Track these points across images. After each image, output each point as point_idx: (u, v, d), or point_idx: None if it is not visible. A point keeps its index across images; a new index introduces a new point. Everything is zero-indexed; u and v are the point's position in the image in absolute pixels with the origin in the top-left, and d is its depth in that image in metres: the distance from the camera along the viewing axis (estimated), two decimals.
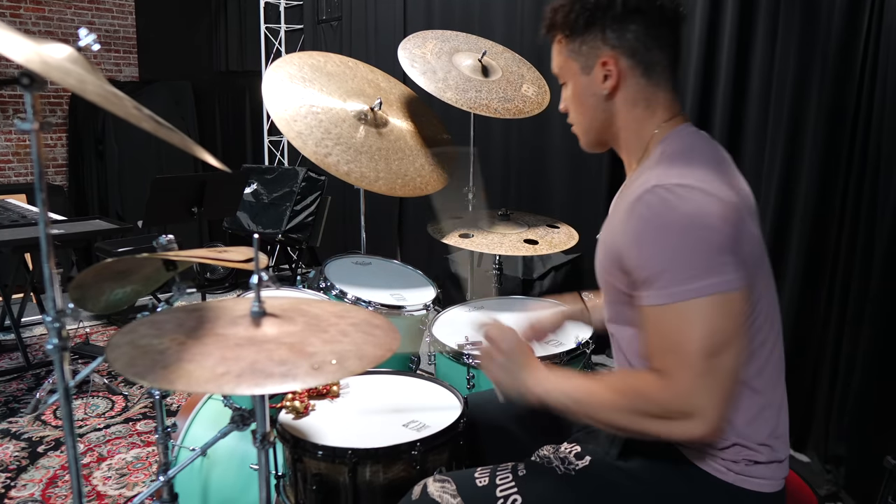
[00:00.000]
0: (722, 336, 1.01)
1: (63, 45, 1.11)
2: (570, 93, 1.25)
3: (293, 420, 1.47)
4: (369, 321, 1.17)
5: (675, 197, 1.03)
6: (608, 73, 1.17)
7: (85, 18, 6.28)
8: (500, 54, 2.47)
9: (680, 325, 1.02)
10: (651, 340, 1.07)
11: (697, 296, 1.01)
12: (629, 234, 1.07)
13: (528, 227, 2.23)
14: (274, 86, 2.00)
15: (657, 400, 1.04)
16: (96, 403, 3.11)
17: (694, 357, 1.01)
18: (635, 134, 1.20)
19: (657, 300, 1.04)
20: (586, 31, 1.18)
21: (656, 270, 1.03)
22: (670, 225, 1.02)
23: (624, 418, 1.08)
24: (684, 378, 1.02)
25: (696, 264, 1.01)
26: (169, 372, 0.95)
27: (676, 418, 1.03)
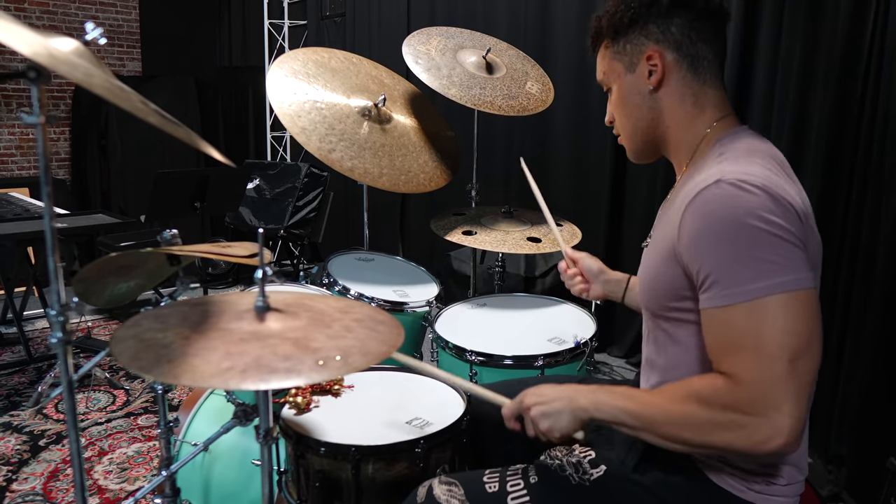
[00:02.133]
0: (800, 337, 0.95)
1: (69, 39, 1.11)
2: (615, 97, 1.24)
3: (295, 416, 1.47)
4: (373, 317, 1.16)
5: (741, 191, 0.98)
6: (653, 67, 1.16)
7: (89, 13, 6.28)
8: (505, 51, 2.47)
9: (754, 325, 0.95)
10: (717, 343, 1.01)
11: (771, 293, 0.95)
12: (690, 232, 1.02)
13: (531, 225, 2.23)
14: (278, 81, 2.00)
15: (731, 403, 0.96)
16: (98, 397, 3.11)
17: (774, 357, 0.94)
18: (685, 132, 1.18)
19: (725, 300, 0.98)
20: (630, 29, 1.17)
21: (723, 268, 0.98)
22: (737, 219, 0.97)
23: (691, 430, 1.00)
24: (763, 379, 0.94)
25: (768, 260, 0.95)
26: (174, 366, 0.95)
27: (752, 426, 0.94)
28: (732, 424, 0.96)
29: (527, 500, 1.16)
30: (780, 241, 0.96)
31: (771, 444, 0.94)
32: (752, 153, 1.07)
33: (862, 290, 2.32)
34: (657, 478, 1.13)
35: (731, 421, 0.96)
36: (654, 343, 1.21)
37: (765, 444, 0.94)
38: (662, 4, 1.14)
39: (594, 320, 1.98)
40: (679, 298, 1.09)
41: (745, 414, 0.95)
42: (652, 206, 3.10)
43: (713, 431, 0.98)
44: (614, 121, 1.27)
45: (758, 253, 0.96)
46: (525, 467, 1.23)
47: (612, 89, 1.24)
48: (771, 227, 0.96)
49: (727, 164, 1.04)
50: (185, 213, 3.41)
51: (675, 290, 1.09)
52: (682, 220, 1.04)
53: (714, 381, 1.00)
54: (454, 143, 2.28)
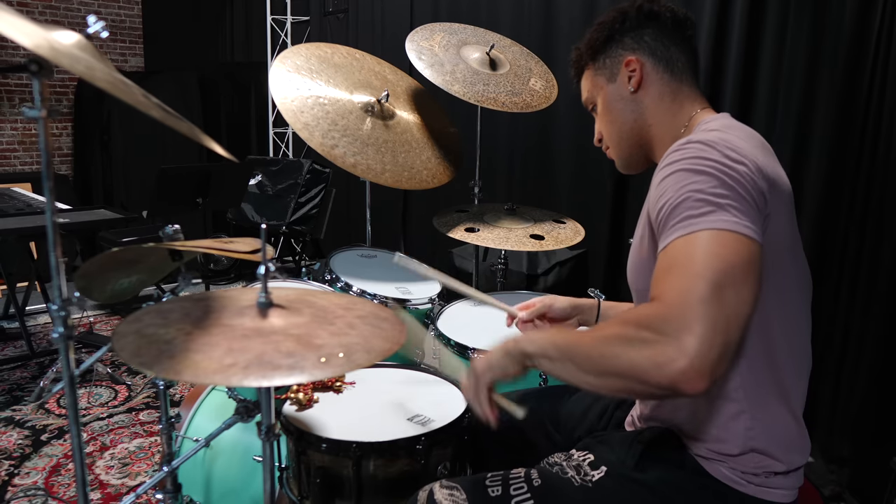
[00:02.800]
0: (731, 267, 0.93)
1: (71, 32, 1.10)
2: (600, 109, 1.32)
3: (297, 412, 1.47)
4: (376, 314, 1.16)
5: (708, 146, 1.03)
6: (632, 72, 1.25)
7: (92, 8, 6.28)
8: (508, 48, 2.46)
9: (687, 251, 0.96)
10: (654, 276, 0.99)
11: (711, 227, 0.95)
12: (656, 189, 1.06)
13: (535, 222, 2.22)
14: (281, 77, 1.99)
15: (646, 319, 0.93)
16: (99, 392, 3.12)
17: (698, 276, 0.92)
18: (667, 127, 1.25)
19: (667, 238, 0.99)
20: (607, 45, 1.28)
21: (671, 207, 1.00)
22: (697, 163, 1.02)
23: (600, 349, 0.97)
24: (684, 296, 0.91)
25: (716, 199, 0.97)
26: (176, 362, 0.94)
27: (659, 345, 0.89)
28: (639, 341, 0.92)
29: (531, 503, 1.15)
30: (729, 188, 0.99)
31: (672, 366, 0.88)
32: (728, 129, 1.13)
33: (865, 290, 2.31)
34: (657, 475, 1.13)
35: (641, 338, 0.92)
36: None
37: (665, 365, 0.88)
38: (632, 18, 1.26)
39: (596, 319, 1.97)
40: None
41: (657, 332, 0.91)
42: None
43: (620, 350, 0.94)
44: (602, 138, 1.35)
45: (705, 193, 0.98)
46: (527, 471, 1.22)
47: (596, 105, 1.34)
48: (728, 174, 1.00)
49: (698, 134, 1.10)
50: (187, 208, 3.41)
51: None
52: (652, 188, 1.09)
53: (637, 307, 1.04)
54: (457, 140, 2.27)
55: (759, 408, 1.08)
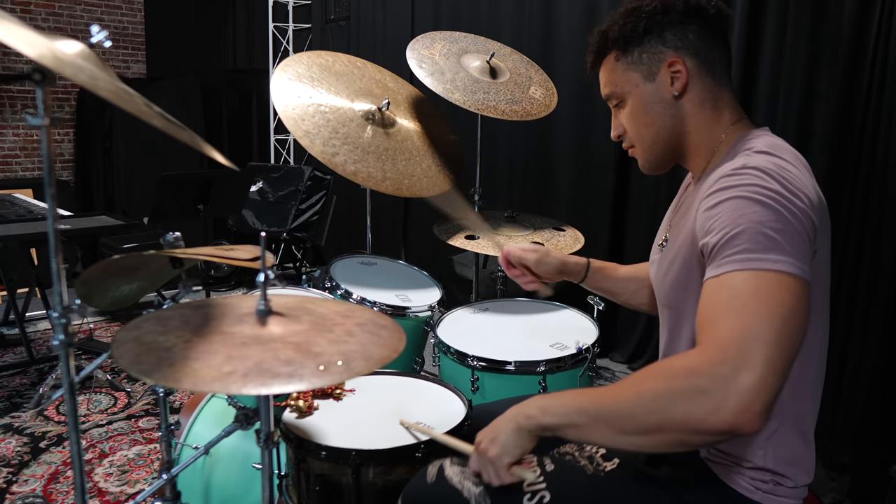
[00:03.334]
0: (797, 315, 0.91)
1: (74, 42, 1.11)
2: (631, 108, 1.21)
3: (297, 419, 1.47)
4: (375, 321, 1.16)
5: (767, 175, 0.98)
6: (676, 73, 1.15)
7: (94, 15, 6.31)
8: (509, 56, 2.47)
9: (745, 290, 0.91)
10: (705, 311, 0.95)
11: (774, 269, 0.91)
12: (708, 211, 1.01)
13: (534, 230, 2.23)
14: (282, 84, 2.00)
15: (698, 366, 0.88)
16: (99, 399, 3.11)
17: (755, 322, 0.88)
18: (705, 136, 1.18)
19: (723, 268, 0.95)
20: (645, 38, 1.16)
21: (729, 237, 0.95)
22: (756, 195, 0.96)
23: (644, 407, 0.91)
24: (742, 343, 0.87)
25: (776, 234, 0.93)
26: (175, 370, 0.94)
27: (715, 390, 0.85)
28: (693, 390, 0.87)
29: (543, 486, 1.14)
30: (788, 223, 0.95)
31: (731, 411, 0.84)
32: (773, 148, 1.07)
33: (865, 298, 2.31)
34: (668, 472, 1.14)
35: (694, 385, 0.87)
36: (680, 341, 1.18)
37: (723, 411, 0.85)
38: (678, 11, 1.14)
39: (596, 326, 1.98)
40: None
41: (711, 376, 0.86)
42: (656, 211, 3.09)
43: (670, 402, 0.89)
44: (623, 134, 1.25)
45: (766, 227, 0.94)
46: (540, 457, 1.21)
47: (623, 102, 1.22)
48: (787, 209, 0.95)
49: (751, 157, 1.04)
50: (188, 215, 3.42)
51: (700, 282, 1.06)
52: (701, 208, 1.03)
53: (686, 353, 0.94)
54: (458, 148, 2.28)
55: (774, 431, 1.08)
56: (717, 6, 1.16)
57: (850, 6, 2.28)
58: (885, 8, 2.19)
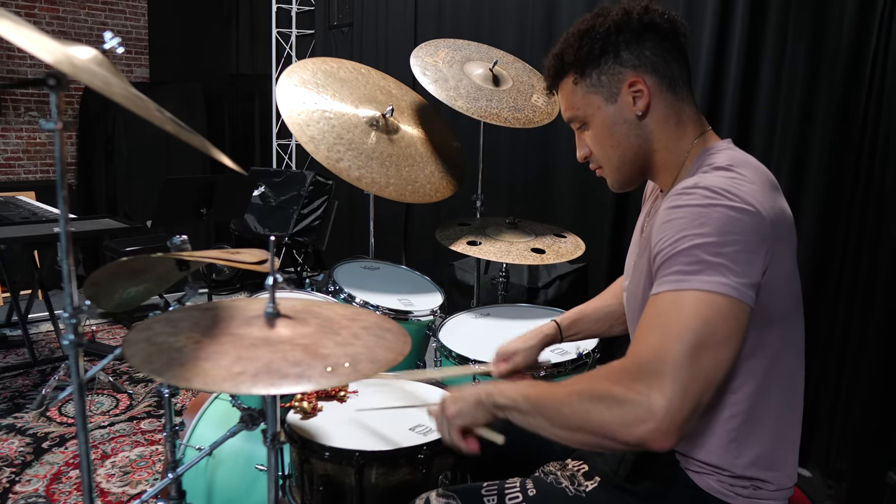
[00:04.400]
0: (714, 331, 0.92)
1: (87, 48, 1.14)
2: (595, 130, 1.19)
3: (301, 420, 1.49)
4: (380, 325, 1.18)
5: (713, 194, 0.99)
6: (637, 93, 1.14)
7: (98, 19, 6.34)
8: (511, 64, 2.50)
9: (673, 308, 0.94)
10: (639, 324, 0.99)
11: (700, 288, 0.94)
12: (657, 229, 1.03)
13: (536, 236, 2.25)
14: (288, 90, 2.02)
15: (617, 376, 0.93)
16: (101, 401, 3.13)
17: (677, 336, 0.91)
18: (672, 152, 1.17)
19: (660, 288, 0.98)
20: (601, 59, 1.14)
21: (668, 257, 0.98)
22: (699, 215, 0.97)
23: (571, 406, 0.97)
24: (659, 355, 0.91)
25: (710, 258, 0.95)
26: (186, 370, 0.97)
27: (629, 405, 0.90)
28: (610, 399, 0.92)
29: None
30: (729, 243, 0.95)
31: (640, 427, 0.89)
32: (733, 162, 1.08)
33: (863, 306, 2.33)
34: (649, 487, 1.15)
35: (611, 395, 0.92)
36: None
37: (634, 426, 0.90)
38: (632, 30, 1.13)
39: None
40: None
41: (627, 389, 0.91)
42: None
43: (591, 406, 0.94)
44: (590, 155, 1.23)
45: (702, 249, 0.95)
46: (523, 480, 1.24)
47: (587, 124, 1.20)
48: (728, 230, 0.96)
49: (707, 174, 1.06)
50: (190, 219, 3.44)
51: None
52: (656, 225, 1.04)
53: (612, 363, 0.98)
54: (460, 154, 2.30)
55: (753, 437, 1.09)
56: (671, 19, 1.15)
57: (851, 8, 2.29)
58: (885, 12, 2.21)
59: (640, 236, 1.31)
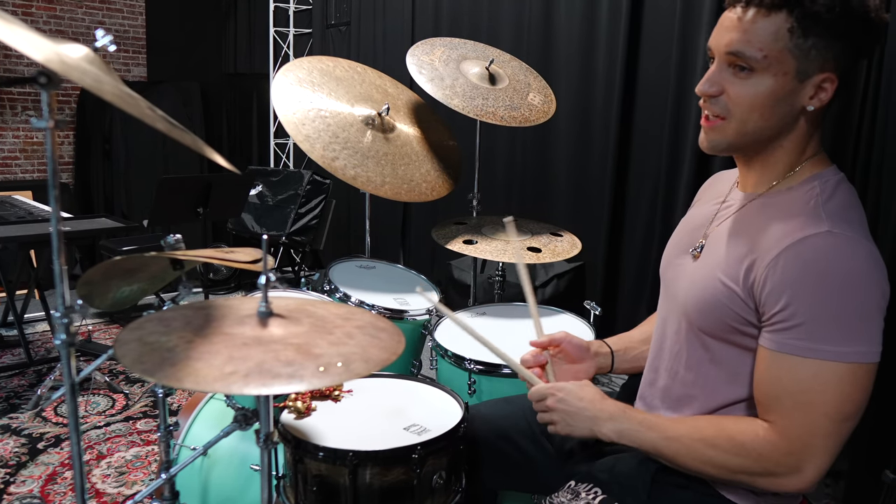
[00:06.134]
0: (853, 406, 1.00)
1: (79, 46, 1.13)
2: (756, 88, 1.04)
3: (295, 420, 1.48)
4: (374, 324, 1.17)
5: (847, 248, 0.99)
6: (823, 90, 1.04)
7: (96, 18, 6.33)
8: (508, 62, 2.49)
9: (819, 385, 0.98)
10: (772, 388, 1.03)
11: (843, 360, 0.98)
12: (790, 273, 0.99)
13: (532, 235, 2.24)
14: (283, 89, 2.02)
15: (769, 454, 1.02)
16: (97, 401, 3.12)
17: (824, 419, 0.99)
18: (791, 155, 1.11)
19: (802, 352, 0.99)
20: (828, 35, 1.01)
21: (814, 318, 0.98)
22: (836, 276, 0.97)
23: (717, 469, 1.07)
24: (808, 435, 1.00)
25: (851, 326, 0.97)
26: (177, 370, 0.96)
27: (783, 477, 1.02)
28: (765, 472, 1.02)
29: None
30: (873, 310, 0.99)
31: (791, 488, 1.02)
32: (851, 209, 1.06)
33: None
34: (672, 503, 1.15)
35: (765, 469, 1.02)
36: (682, 357, 1.20)
37: (786, 488, 1.03)
38: (869, 33, 1.03)
39: (593, 330, 1.99)
40: (744, 322, 1.08)
41: (780, 464, 1.01)
42: (652, 218, 3.11)
43: (741, 475, 1.05)
44: (717, 96, 1.07)
45: (852, 317, 0.98)
46: None
47: (753, 72, 1.04)
48: (864, 293, 0.98)
49: (833, 217, 1.02)
50: (187, 218, 3.43)
51: (737, 313, 1.08)
52: (777, 257, 1.01)
53: (755, 429, 1.04)
54: (457, 153, 2.30)
55: None
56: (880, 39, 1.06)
57: None
58: None
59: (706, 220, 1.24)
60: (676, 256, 1.27)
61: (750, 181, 1.18)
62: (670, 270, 1.28)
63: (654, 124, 3.06)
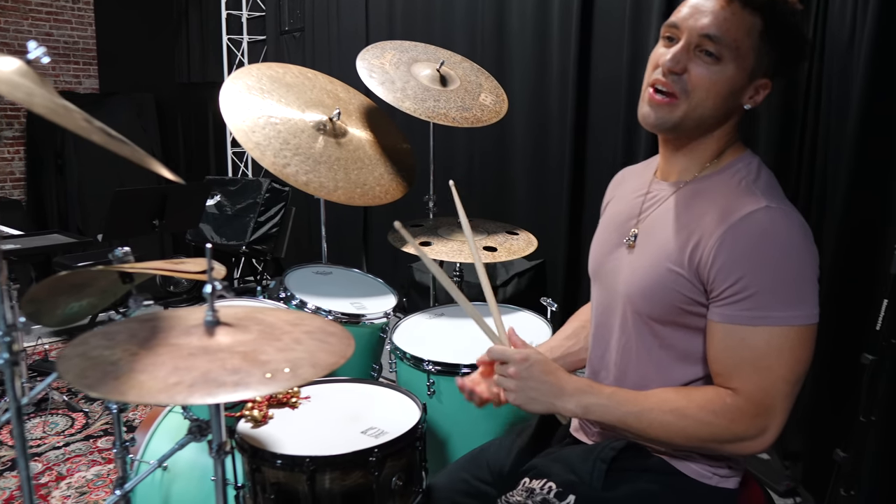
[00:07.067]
0: (803, 367, 1.05)
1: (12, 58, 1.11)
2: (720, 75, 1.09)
3: (252, 430, 1.47)
4: (324, 329, 1.17)
5: (786, 220, 1.05)
6: (759, 94, 1.14)
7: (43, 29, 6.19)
8: (459, 64, 2.51)
9: (774, 349, 1.04)
10: (730, 359, 1.07)
11: (793, 324, 1.03)
12: (737, 247, 1.04)
13: (488, 235, 2.26)
14: (232, 97, 2.00)
15: (737, 418, 1.06)
16: (55, 421, 3.05)
17: (782, 382, 1.04)
18: (718, 143, 1.16)
19: (754, 321, 1.04)
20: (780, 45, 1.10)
21: (765, 288, 1.03)
22: (781, 246, 1.04)
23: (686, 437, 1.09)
24: (769, 398, 1.04)
25: (797, 291, 1.04)
26: (120, 383, 0.95)
27: (749, 439, 1.06)
28: (734, 438, 1.06)
29: None
30: (812, 275, 1.05)
31: (755, 450, 1.07)
32: (776, 186, 1.14)
33: None
34: (628, 490, 1.16)
35: (734, 435, 1.06)
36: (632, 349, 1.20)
37: (751, 450, 1.07)
38: (804, 49, 1.16)
39: (550, 327, 2.01)
40: (691, 303, 1.11)
41: (749, 428, 1.05)
42: None
43: (711, 443, 1.08)
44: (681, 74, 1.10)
45: (797, 282, 1.04)
46: None
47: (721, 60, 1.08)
48: (806, 259, 1.05)
49: (766, 193, 1.09)
50: (143, 231, 3.38)
51: (684, 295, 1.11)
52: (723, 235, 1.05)
53: (722, 396, 1.07)
54: (410, 156, 2.30)
55: None
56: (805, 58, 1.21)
57: None
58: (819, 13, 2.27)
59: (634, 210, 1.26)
60: (609, 252, 1.28)
61: (675, 169, 1.21)
62: (605, 266, 1.28)
63: (609, 122, 3.10)
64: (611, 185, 1.44)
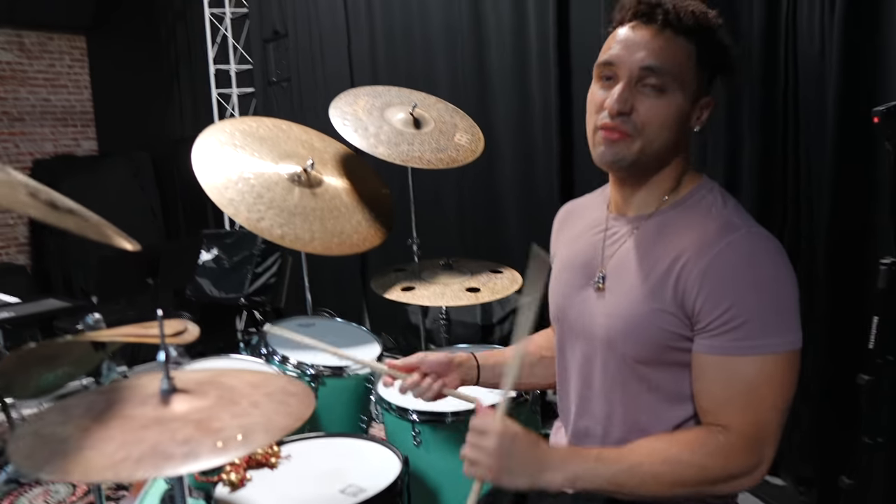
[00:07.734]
0: (791, 392, 1.03)
1: None
2: (667, 106, 1.08)
3: (230, 494, 1.44)
4: (285, 389, 1.15)
5: (766, 243, 1.04)
6: (704, 113, 1.14)
7: (40, 95, 6.32)
8: (433, 105, 2.51)
9: (763, 378, 1.01)
10: (720, 393, 1.03)
11: (781, 350, 1.01)
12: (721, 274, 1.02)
13: (471, 275, 2.24)
14: (204, 154, 2.01)
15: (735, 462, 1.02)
16: (57, 489, 3.01)
17: (774, 412, 1.02)
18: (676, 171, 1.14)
19: (742, 350, 1.01)
20: (715, 64, 1.13)
21: (749, 317, 1.01)
22: (766, 271, 1.03)
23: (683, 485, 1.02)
24: (761, 430, 1.02)
25: (785, 316, 1.02)
26: (67, 461, 0.93)
27: (743, 477, 1.03)
28: (728, 477, 1.02)
29: None
30: (791, 299, 1.03)
31: (748, 486, 1.03)
32: (742, 209, 1.12)
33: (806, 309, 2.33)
34: None
35: (729, 474, 1.02)
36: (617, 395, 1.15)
37: (744, 487, 1.04)
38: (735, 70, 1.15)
39: None
40: (678, 338, 1.07)
41: (743, 465, 1.02)
42: None
43: (705, 486, 1.03)
44: (628, 114, 1.07)
45: (785, 307, 1.02)
46: None
47: (664, 91, 1.07)
48: (792, 285, 1.03)
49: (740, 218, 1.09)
50: (137, 290, 3.38)
51: (670, 331, 1.07)
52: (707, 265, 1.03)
53: (713, 436, 1.03)
54: (388, 201, 2.30)
55: None
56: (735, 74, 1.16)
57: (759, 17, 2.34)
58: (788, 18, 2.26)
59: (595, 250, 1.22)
60: (572, 295, 1.22)
61: (633, 203, 1.18)
62: (571, 310, 1.22)
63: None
64: (556, 223, 1.41)
